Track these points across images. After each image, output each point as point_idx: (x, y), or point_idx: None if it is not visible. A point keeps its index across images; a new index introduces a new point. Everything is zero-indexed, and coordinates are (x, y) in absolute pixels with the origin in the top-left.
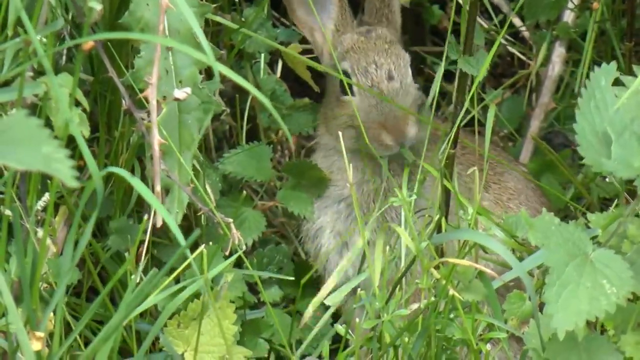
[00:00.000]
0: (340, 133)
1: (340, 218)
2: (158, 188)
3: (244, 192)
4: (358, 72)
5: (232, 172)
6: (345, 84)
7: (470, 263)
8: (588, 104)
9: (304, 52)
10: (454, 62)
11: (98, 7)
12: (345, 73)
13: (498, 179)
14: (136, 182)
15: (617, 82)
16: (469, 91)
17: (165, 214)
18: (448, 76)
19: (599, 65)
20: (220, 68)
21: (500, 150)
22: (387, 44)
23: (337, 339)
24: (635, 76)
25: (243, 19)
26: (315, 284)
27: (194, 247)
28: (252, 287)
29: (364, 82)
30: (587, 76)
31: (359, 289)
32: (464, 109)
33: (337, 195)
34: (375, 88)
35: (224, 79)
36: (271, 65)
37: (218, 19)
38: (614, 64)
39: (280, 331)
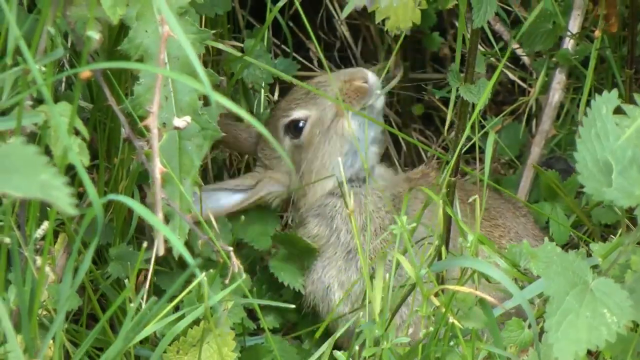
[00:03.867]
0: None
1: (348, 272)
2: (159, 216)
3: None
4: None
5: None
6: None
7: (470, 290)
8: (589, 132)
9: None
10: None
11: (96, 36)
12: (297, 121)
13: (487, 215)
14: (141, 209)
15: (618, 110)
16: (470, 118)
17: (173, 238)
18: (448, 102)
19: (600, 92)
20: (217, 97)
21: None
22: None
23: None
24: (636, 104)
25: (242, 50)
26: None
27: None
28: (252, 313)
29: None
30: (588, 103)
31: (360, 315)
32: (464, 136)
33: (342, 246)
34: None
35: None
36: (271, 90)
37: (219, 45)
38: (615, 92)
39: (280, 358)
